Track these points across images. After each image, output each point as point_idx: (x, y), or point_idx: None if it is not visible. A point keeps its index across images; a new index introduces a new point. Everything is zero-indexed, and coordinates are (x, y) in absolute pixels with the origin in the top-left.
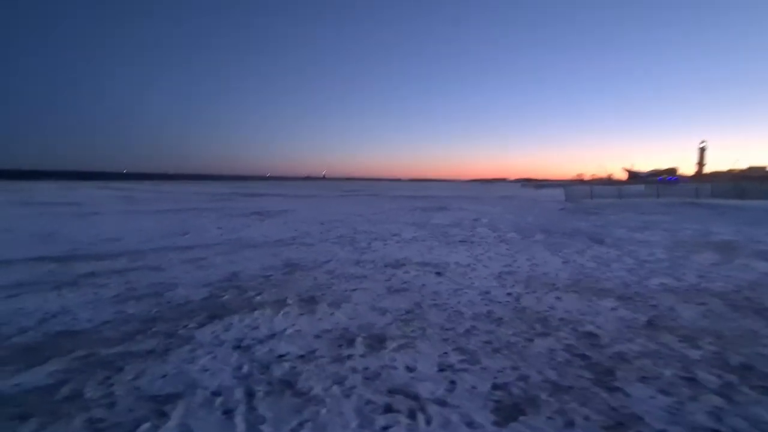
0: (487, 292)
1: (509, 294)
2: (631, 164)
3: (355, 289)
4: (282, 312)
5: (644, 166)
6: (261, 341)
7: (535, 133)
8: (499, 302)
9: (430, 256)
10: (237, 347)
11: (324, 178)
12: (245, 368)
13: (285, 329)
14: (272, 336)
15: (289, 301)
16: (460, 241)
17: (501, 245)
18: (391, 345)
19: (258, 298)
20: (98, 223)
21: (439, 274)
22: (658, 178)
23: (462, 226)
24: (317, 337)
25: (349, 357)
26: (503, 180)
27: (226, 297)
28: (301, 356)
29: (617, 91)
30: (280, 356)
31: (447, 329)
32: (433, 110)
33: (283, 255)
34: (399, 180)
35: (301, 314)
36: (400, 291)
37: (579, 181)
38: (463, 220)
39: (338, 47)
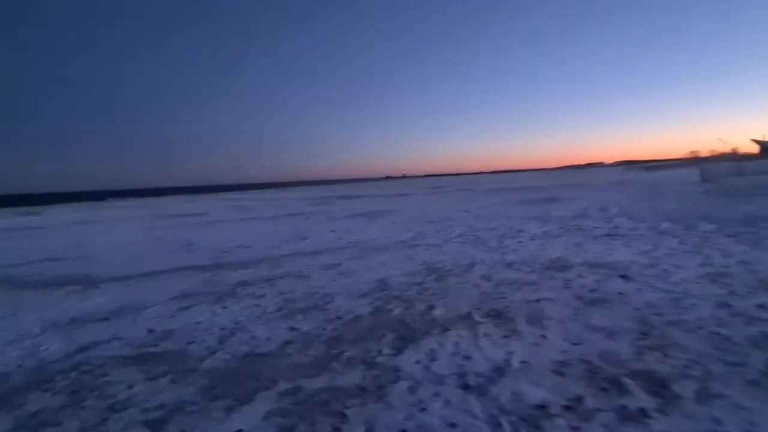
0: (726, 304)
1: (762, 306)
2: (762, 135)
3: (538, 300)
4: (481, 333)
5: None
6: (491, 379)
7: (633, 110)
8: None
9: (587, 255)
10: (465, 387)
11: (404, 176)
12: (506, 427)
13: (507, 360)
14: (499, 371)
15: (476, 318)
16: (606, 235)
17: (665, 238)
18: (686, 393)
19: (435, 313)
20: (225, 231)
21: (625, 277)
22: None
23: (592, 218)
24: (558, 373)
25: (646, 414)
26: (599, 164)
27: (396, 311)
28: (569, 408)
29: (733, 58)
30: (540, 407)
31: (736, 364)
32: (511, 98)
33: (417, 258)
34: (481, 173)
35: (505, 336)
36: (599, 302)
37: (697, 159)
38: (587, 210)
39: (409, 48)
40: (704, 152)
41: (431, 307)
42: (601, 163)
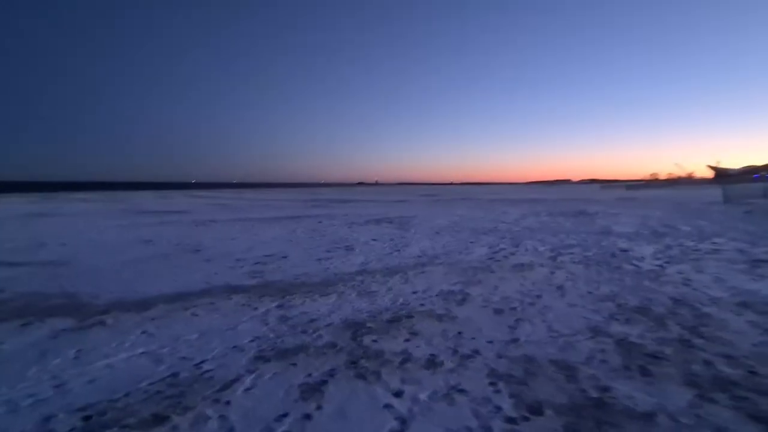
0: None
1: None
2: (716, 161)
3: None
4: None
5: (729, 163)
6: None
7: (597, 131)
8: None
9: None
10: None
11: (377, 183)
12: None
13: None
14: None
15: None
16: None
17: None
18: None
19: None
20: (228, 233)
21: None
22: (754, 175)
23: (678, 236)
24: None
25: None
26: (566, 181)
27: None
28: None
29: (692, 84)
30: None
31: None
32: (480, 112)
33: (569, 289)
34: (452, 184)
35: None
36: None
37: (666, 181)
38: (653, 228)
39: (378, 51)
40: (663, 174)
41: None
42: (569, 180)
